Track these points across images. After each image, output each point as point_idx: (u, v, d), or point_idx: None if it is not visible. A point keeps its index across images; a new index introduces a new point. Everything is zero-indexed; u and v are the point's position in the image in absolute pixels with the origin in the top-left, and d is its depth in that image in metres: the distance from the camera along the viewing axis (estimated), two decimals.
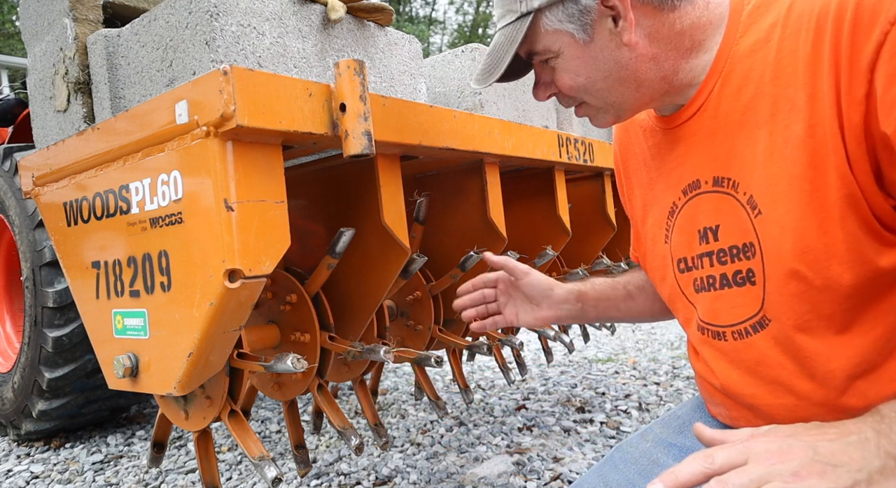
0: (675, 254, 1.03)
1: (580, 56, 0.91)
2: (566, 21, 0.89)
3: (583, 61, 0.92)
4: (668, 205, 1.03)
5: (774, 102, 0.82)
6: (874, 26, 0.71)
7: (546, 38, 0.92)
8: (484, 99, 1.69)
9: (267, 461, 1.13)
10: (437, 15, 27.41)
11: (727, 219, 0.90)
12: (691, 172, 0.97)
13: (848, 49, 0.73)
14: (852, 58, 0.73)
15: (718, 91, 0.89)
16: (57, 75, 1.32)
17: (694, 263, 0.99)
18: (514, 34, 0.92)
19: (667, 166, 1.03)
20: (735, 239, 0.90)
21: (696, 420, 1.11)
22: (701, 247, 0.96)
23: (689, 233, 0.98)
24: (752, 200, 0.86)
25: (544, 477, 2.01)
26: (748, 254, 0.88)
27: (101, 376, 2.53)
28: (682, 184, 0.99)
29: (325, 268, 1.28)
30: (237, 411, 1.22)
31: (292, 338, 1.38)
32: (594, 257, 2.28)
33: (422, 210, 1.57)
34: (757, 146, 0.84)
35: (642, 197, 1.12)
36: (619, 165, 1.22)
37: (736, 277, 0.91)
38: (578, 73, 0.93)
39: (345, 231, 1.21)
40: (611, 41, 0.89)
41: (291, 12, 1.18)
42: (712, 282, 0.95)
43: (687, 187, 0.98)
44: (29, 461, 2.59)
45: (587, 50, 0.91)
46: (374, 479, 2.07)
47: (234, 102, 0.86)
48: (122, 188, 1.07)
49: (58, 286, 2.47)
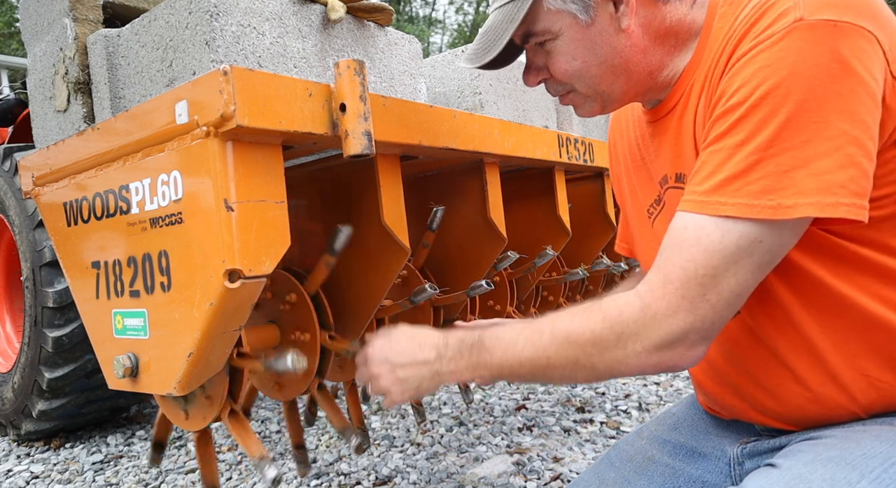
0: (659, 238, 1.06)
1: (579, 38, 0.92)
2: (569, 1, 0.89)
3: (581, 44, 0.92)
4: (653, 193, 1.06)
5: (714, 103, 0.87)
6: (744, 40, 0.78)
7: (547, 18, 0.92)
8: (484, 99, 1.69)
9: (267, 461, 1.13)
10: (437, 15, 27.40)
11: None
12: (663, 167, 1.00)
13: (725, 58, 0.81)
14: (725, 65, 0.81)
15: (688, 91, 0.92)
16: (57, 75, 1.32)
17: None
18: (514, 13, 0.92)
19: (649, 156, 1.06)
20: None
21: (690, 416, 1.13)
22: None
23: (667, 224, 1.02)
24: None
25: (544, 477, 2.01)
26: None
27: (101, 376, 2.52)
28: (658, 176, 1.03)
29: (324, 266, 1.28)
30: (237, 411, 1.22)
31: (292, 337, 1.38)
32: (594, 257, 2.28)
33: (436, 220, 1.57)
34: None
35: (629, 182, 1.15)
36: (611, 152, 1.25)
37: None
38: (575, 56, 0.93)
39: (342, 228, 1.21)
40: (610, 26, 0.91)
41: (291, 12, 1.18)
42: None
43: (661, 180, 1.02)
44: (29, 461, 2.59)
45: (587, 32, 0.91)
46: (374, 479, 2.07)
47: (234, 102, 0.86)
48: (122, 188, 1.07)
49: (58, 286, 2.47)
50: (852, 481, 0.69)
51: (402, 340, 0.98)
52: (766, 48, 0.74)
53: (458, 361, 0.92)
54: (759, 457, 0.94)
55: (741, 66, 0.76)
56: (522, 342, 0.87)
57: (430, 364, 0.93)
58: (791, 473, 0.73)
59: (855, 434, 0.80)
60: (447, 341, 0.94)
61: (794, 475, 0.73)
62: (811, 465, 0.74)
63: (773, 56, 0.73)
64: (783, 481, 0.72)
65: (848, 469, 0.71)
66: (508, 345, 0.88)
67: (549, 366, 0.85)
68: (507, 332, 0.90)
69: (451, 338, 0.94)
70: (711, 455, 1.02)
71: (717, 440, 1.04)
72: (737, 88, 0.76)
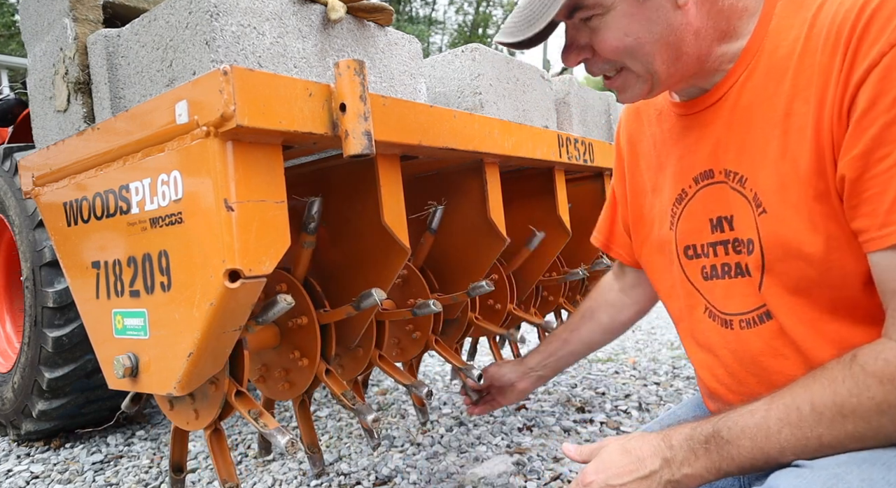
0: (680, 240, 1.03)
1: (634, 13, 0.85)
2: None
3: (636, 19, 0.86)
4: (676, 190, 1.02)
5: (791, 102, 0.81)
6: (875, 44, 0.71)
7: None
8: (484, 99, 1.68)
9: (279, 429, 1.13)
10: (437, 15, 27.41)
11: (739, 211, 0.91)
12: (705, 161, 0.95)
13: (849, 63, 0.73)
14: (849, 71, 0.73)
15: (742, 82, 0.88)
16: (57, 75, 1.32)
17: (704, 250, 0.99)
18: None
19: (678, 151, 1.01)
20: (745, 232, 0.90)
21: (695, 418, 1.12)
22: (714, 235, 0.96)
23: (700, 221, 0.98)
24: (756, 198, 0.86)
25: (544, 477, 2.01)
26: (749, 249, 0.89)
27: (101, 376, 2.52)
28: (694, 171, 0.98)
29: (301, 247, 1.28)
30: (243, 391, 1.21)
31: (290, 324, 1.39)
32: (594, 257, 2.28)
33: (435, 219, 1.57)
34: (770, 144, 0.84)
35: (651, 180, 1.11)
36: (625, 146, 1.20)
37: (746, 268, 0.92)
38: (628, 32, 0.86)
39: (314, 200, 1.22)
40: (667, 1, 0.85)
41: (291, 12, 1.18)
42: (727, 270, 0.95)
43: (699, 175, 0.97)
44: (29, 461, 2.59)
45: (641, 7, 0.85)
46: (374, 479, 2.07)
47: (235, 102, 0.86)
48: (122, 188, 1.07)
49: (58, 286, 2.47)
50: (891, 481, 0.68)
51: (616, 457, 0.86)
52: None
53: (693, 463, 0.80)
54: None
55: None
56: (776, 425, 0.76)
57: (657, 474, 0.82)
58: (826, 473, 0.71)
59: None
60: (671, 443, 0.83)
61: (831, 474, 0.70)
62: (846, 466, 0.71)
63: None
64: (819, 481, 0.70)
65: (884, 469, 0.70)
66: (758, 433, 0.76)
67: (821, 447, 0.74)
68: (746, 418, 0.78)
69: (675, 439, 0.83)
70: None
71: None
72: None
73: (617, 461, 0.85)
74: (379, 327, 1.57)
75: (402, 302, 1.78)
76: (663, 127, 1.06)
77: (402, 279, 1.66)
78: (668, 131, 1.04)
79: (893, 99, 0.70)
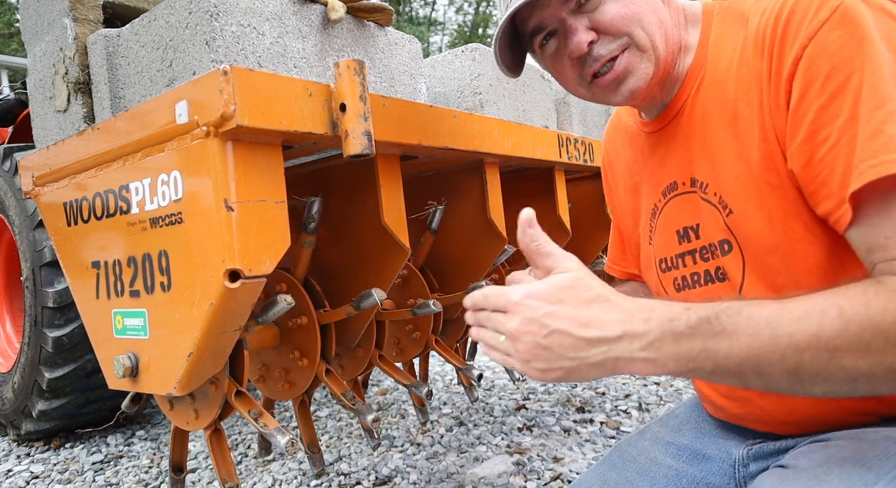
0: (657, 254, 1.06)
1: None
2: None
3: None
4: (650, 206, 1.05)
5: (735, 107, 0.86)
6: (796, 40, 0.76)
7: None
8: (484, 99, 1.68)
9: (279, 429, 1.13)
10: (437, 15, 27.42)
11: (705, 218, 0.93)
12: (670, 174, 0.99)
13: (777, 62, 0.79)
14: (778, 68, 0.79)
15: (694, 95, 0.92)
16: (57, 75, 1.32)
17: (674, 263, 1.02)
18: None
19: (649, 169, 1.05)
20: (714, 236, 0.92)
21: (693, 418, 1.12)
22: (682, 246, 0.99)
23: (669, 234, 1.01)
24: (722, 200, 0.89)
25: (544, 477, 2.01)
26: (724, 250, 0.91)
27: (101, 376, 2.52)
28: (661, 186, 1.01)
29: (301, 247, 1.28)
30: (243, 391, 1.21)
31: (290, 324, 1.39)
32: (594, 257, 2.28)
33: (435, 219, 1.57)
34: (725, 147, 0.88)
35: (630, 203, 1.14)
36: (608, 170, 1.24)
37: (717, 273, 0.94)
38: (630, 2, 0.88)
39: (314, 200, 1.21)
40: None
41: (291, 12, 1.18)
42: (696, 279, 0.98)
43: (666, 189, 1.00)
44: (29, 461, 2.59)
45: None
46: (374, 479, 2.07)
47: (235, 102, 0.86)
48: (122, 188, 1.07)
49: (58, 286, 2.47)
50: (868, 482, 0.68)
51: (572, 296, 0.67)
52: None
53: (661, 348, 0.65)
54: (765, 459, 0.94)
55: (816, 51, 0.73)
56: (789, 327, 0.63)
57: (605, 344, 0.65)
58: (807, 474, 0.72)
59: (867, 435, 0.79)
60: (649, 315, 0.66)
61: (811, 476, 0.72)
62: (826, 466, 0.73)
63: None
64: (799, 482, 0.71)
65: (864, 470, 0.70)
66: (764, 329, 0.63)
67: (833, 369, 0.63)
68: (757, 310, 0.65)
69: (658, 313, 0.67)
70: (715, 457, 1.02)
71: (721, 442, 1.03)
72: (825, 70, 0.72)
73: (570, 301, 0.67)
74: (379, 327, 1.57)
75: (402, 302, 1.78)
76: (634, 148, 1.09)
77: (402, 279, 1.66)
78: (639, 152, 1.08)
79: (822, 84, 0.73)
